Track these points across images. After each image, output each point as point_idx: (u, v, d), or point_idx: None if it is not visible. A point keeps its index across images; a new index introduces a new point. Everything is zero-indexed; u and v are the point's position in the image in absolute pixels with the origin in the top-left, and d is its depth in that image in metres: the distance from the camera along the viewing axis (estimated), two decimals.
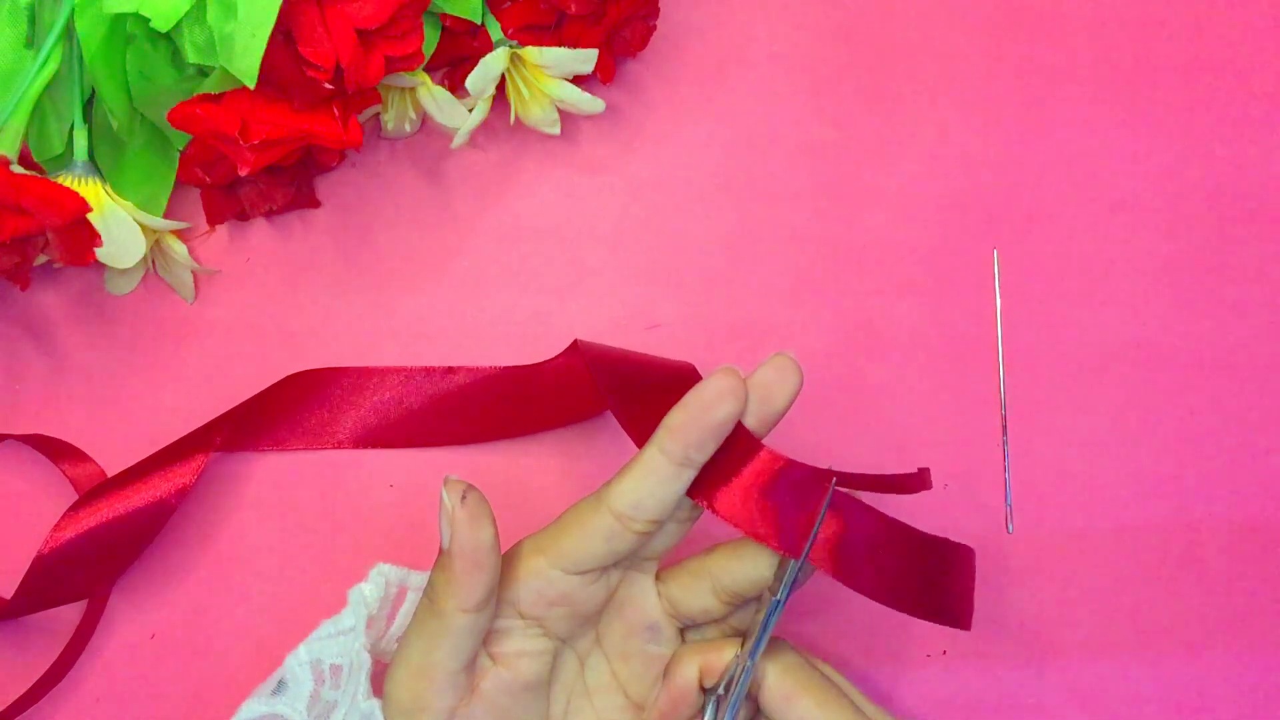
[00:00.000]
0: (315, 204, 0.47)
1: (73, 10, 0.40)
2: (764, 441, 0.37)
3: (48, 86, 0.41)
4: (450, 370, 0.46)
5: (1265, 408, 0.48)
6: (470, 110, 0.45)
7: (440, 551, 0.36)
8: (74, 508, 0.43)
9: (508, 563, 0.38)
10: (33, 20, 0.42)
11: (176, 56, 0.42)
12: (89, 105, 0.43)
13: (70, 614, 0.45)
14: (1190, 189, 0.49)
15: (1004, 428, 0.48)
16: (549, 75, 0.45)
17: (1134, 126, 0.49)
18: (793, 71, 0.49)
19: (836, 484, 0.37)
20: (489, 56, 0.43)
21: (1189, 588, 0.47)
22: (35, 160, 0.43)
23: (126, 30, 0.42)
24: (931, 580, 0.37)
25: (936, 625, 0.46)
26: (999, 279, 0.48)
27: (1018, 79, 0.49)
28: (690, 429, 0.35)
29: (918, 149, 0.49)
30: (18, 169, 0.39)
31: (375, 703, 0.38)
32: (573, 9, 0.43)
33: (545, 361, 0.46)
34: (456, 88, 0.46)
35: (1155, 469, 0.48)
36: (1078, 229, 0.49)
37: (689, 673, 0.37)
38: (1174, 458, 0.48)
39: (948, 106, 0.49)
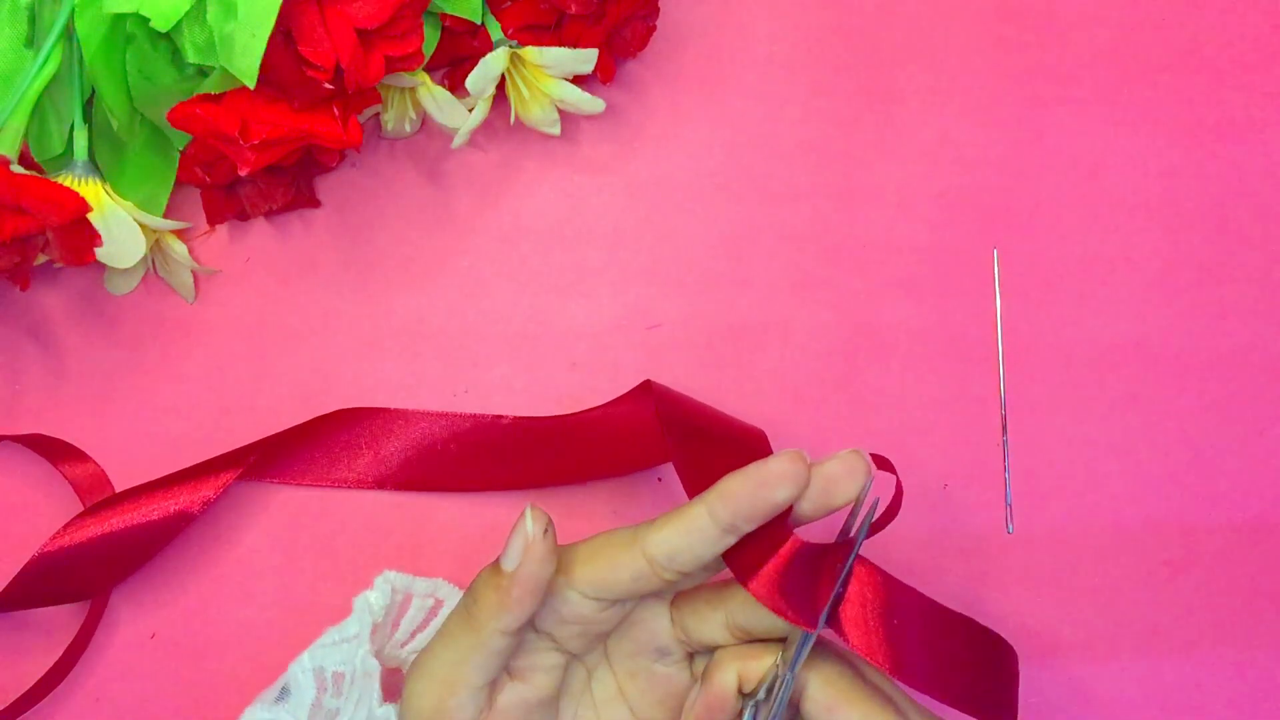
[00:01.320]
0: (315, 204, 0.47)
1: (73, 10, 0.40)
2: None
3: (48, 86, 0.41)
4: (499, 419, 0.46)
5: (1265, 408, 0.48)
6: (470, 110, 0.45)
7: (496, 569, 0.36)
8: (88, 511, 0.43)
9: None
10: (33, 20, 0.42)
11: (176, 56, 0.42)
12: (89, 105, 0.43)
13: (70, 614, 0.45)
14: (1190, 189, 0.49)
15: (1004, 428, 0.48)
16: (549, 75, 0.45)
17: (1134, 126, 0.49)
18: (793, 71, 0.49)
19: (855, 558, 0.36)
20: (489, 56, 0.43)
21: (1189, 588, 0.47)
22: (35, 160, 0.43)
23: (126, 30, 0.42)
24: (966, 665, 0.36)
25: None
26: (999, 279, 0.48)
27: (1018, 79, 0.49)
28: (744, 501, 0.35)
29: (918, 149, 0.49)
30: (18, 169, 0.39)
31: (390, 708, 0.38)
32: (573, 9, 0.43)
33: (602, 407, 0.46)
34: (456, 88, 0.46)
35: (1155, 469, 0.48)
36: (1078, 229, 0.49)
37: (728, 678, 0.37)
38: (1174, 458, 0.48)
39: (948, 106, 0.49)
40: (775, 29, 0.49)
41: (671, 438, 0.40)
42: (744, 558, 0.36)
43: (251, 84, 0.39)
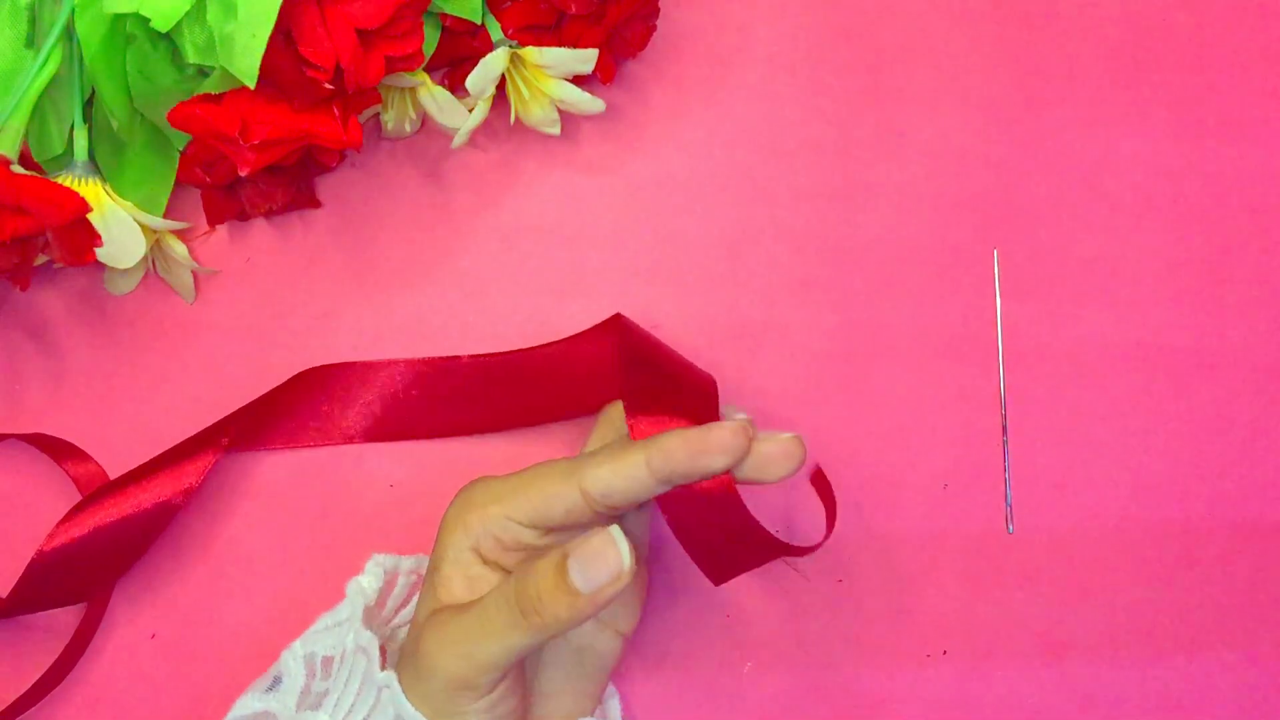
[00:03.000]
0: (315, 204, 0.47)
1: (73, 10, 0.40)
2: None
3: (48, 86, 0.41)
4: (456, 359, 0.46)
5: (1265, 408, 0.48)
6: (470, 110, 0.45)
7: (565, 582, 0.35)
8: (77, 508, 0.43)
9: (469, 507, 0.38)
10: (33, 20, 0.42)
11: (176, 56, 0.42)
12: (89, 105, 0.43)
13: (70, 614, 0.45)
14: (1190, 189, 0.49)
15: (1004, 428, 0.48)
16: (549, 75, 0.45)
17: (1134, 126, 0.49)
18: (793, 71, 0.49)
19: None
20: (489, 56, 0.43)
21: (1189, 588, 0.47)
22: (35, 160, 0.43)
23: (126, 30, 0.42)
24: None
25: (936, 626, 0.46)
26: (999, 279, 0.48)
27: (1018, 79, 0.49)
28: (681, 462, 0.36)
29: (918, 149, 0.49)
30: (18, 169, 0.39)
31: (390, 674, 0.38)
32: (573, 9, 0.43)
33: (569, 339, 0.46)
34: (456, 88, 0.46)
35: (1155, 469, 0.48)
36: (1078, 229, 0.49)
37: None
38: (1174, 458, 0.48)
39: (948, 106, 0.49)
40: (775, 29, 0.49)
41: (624, 372, 0.40)
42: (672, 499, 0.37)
43: (251, 84, 0.39)
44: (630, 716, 0.46)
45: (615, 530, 0.36)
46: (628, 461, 0.36)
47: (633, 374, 0.40)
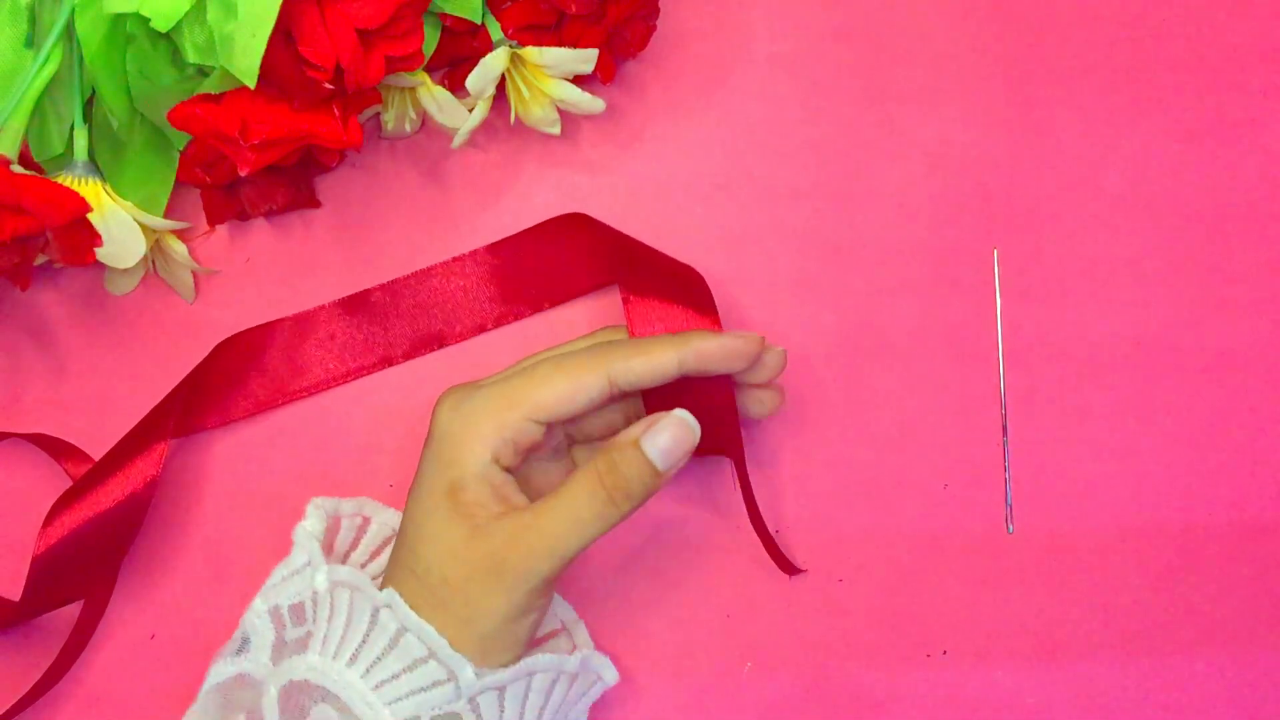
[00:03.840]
0: (315, 204, 0.47)
1: (73, 10, 0.40)
2: None
3: (48, 86, 0.41)
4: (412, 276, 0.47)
5: (1265, 408, 0.48)
6: (470, 110, 0.45)
7: (649, 464, 0.39)
8: (49, 517, 0.43)
9: (479, 419, 0.39)
10: (33, 20, 0.42)
11: (176, 56, 0.42)
12: (89, 105, 0.43)
13: (70, 614, 0.45)
14: (1190, 189, 0.49)
15: (1004, 428, 0.48)
16: (549, 75, 0.45)
17: (1134, 126, 0.49)
18: (793, 71, 0.49)
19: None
20: (489, 56, 0.43)
21: (1189, 588, 0.47)
22: (35, 160, 0.43)
23: (126, 30, 0.42)
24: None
25: (936, 626, 0.46)
26: (999, 279, 0.48)
27: (1018, 79, 0.49)
28: (711, 362, 0.40)
29: (918, 149, 0.49)
30: (18, 169, 0.39)
31: (390, 591, 0.39)
32: (573, 9, 0.43)
33: (538, 226, 0.47)
34: (456, 88, 0.46)
35: (1155, 469, 0.48)
36: (1078, 229, 0.49)
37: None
38: (1174, 458, 0.48)
39: (948, 106, 0.49)
40: (775, 29, 0.49)
41: (612, 259, 0.44)
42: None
43: (252, 84, 0.39)
44: (631, 717, 0.46)
45: (682, 413, 0.40)
46: (660, 358, 0.40)
47: (620, 258, 0.44)
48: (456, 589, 0.38)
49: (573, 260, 0.47)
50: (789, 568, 0.45)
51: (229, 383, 0.46)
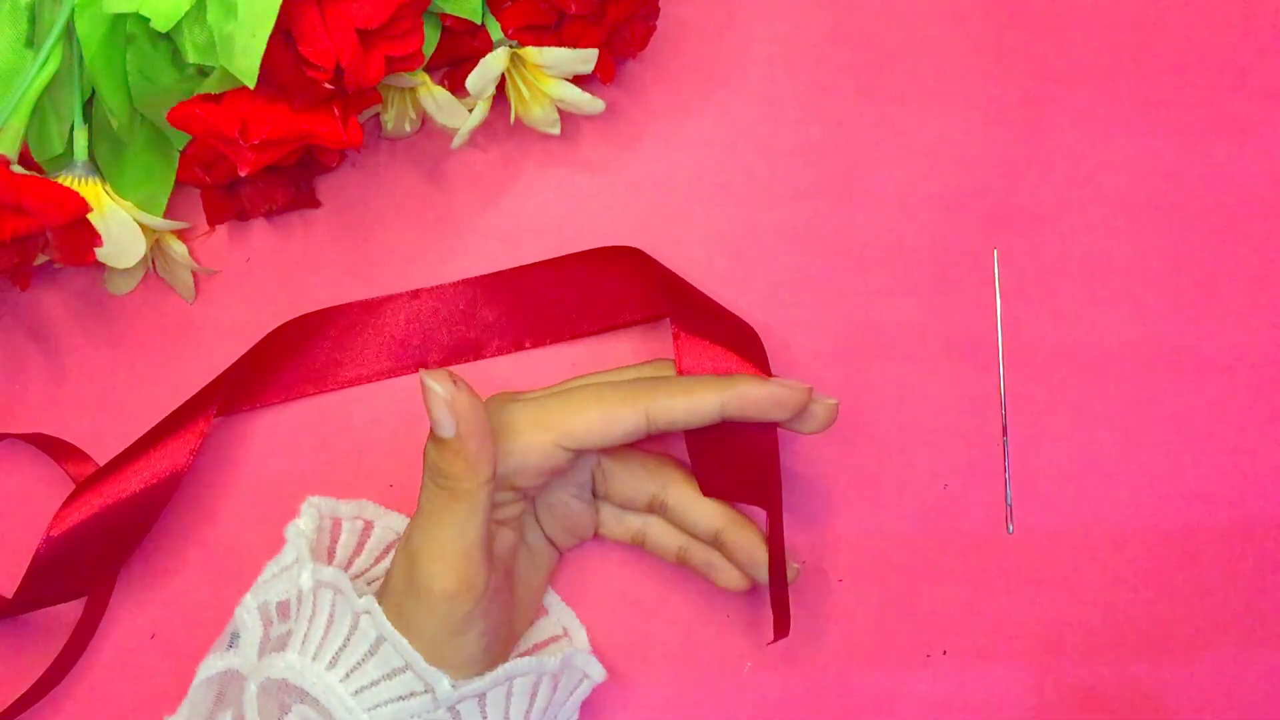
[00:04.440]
0: (315, 204, 0.47)
1: (73, 10, 0.40)
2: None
3: (48, 86, 0.41)
4: (462, 284, 0.47)
5: (1265, 408, 0.48)
6: (470, 110, 0.45)
7: (439, 441, 0.37)
8: (70, 499, 0.43)
9: (502, 437, 0.39)
10: (33, 20, 0.42)
11: (176, 56, 0.42)
12: (89, 105, 0.43)
13: (70, 613, 0.45)
14: (1190, 189, 0.49)
15: (1004, 428, 0.48)
16: (549, 75, 0.45)
17: (1134, 126, 0.49)
18: (793, 71, 0.49)
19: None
20: (489, 56, 0.43)
21: (1189, 588, 0.47)
22: (35, 160, 0.43)
23: (126, 30, 0.42)
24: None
25: (936, 626, 0.46)
26: (999, 279, 0.48)
27: (1018, 79, 0.49)
28: (754, 409, 0.40)
29: (918, 149, 0.49)
30: (18, 169, 0.39)
31: (370, 598, 0.38)
32: (573, 9, 0.43)
33: (591, 251, 0.47)
34: (456, 88, 0.46)
35: (1155, 469, 0.48)
36: (1078, 229, 0.49)
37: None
38: (1174, 458, 0.48)
39: (948, 106, 0.49)
40: (775, 29, 0.49)
41: (667, 291, 0.43)
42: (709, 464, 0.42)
43: (251, 84, 0.39)
44: (631, 717, 0.46)
45: (421, 373, 0.38)
46: (702, 400, 0.39)
47: (675, 295, 0.43)
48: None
49: (624, 290, 0.46)
50: (784, 628, 0.42)
51: (274, 366, 0.46)
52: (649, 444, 0.45)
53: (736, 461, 0.41)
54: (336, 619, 0.39)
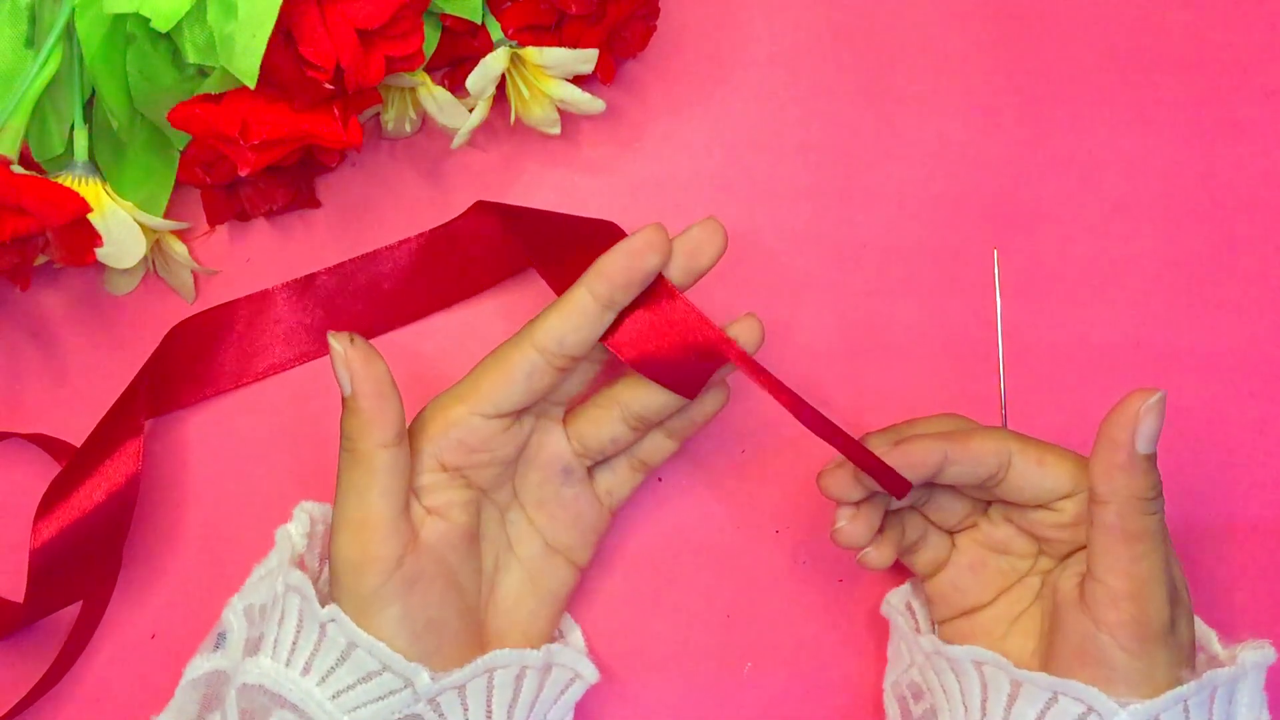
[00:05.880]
0: (315, 204, 0.47)
1: (73, 10, 0.40)
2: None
3: (48, 86, 0.41)
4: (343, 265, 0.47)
5: (1265, 408, 0.48)
6: (470, 110, 0.45)
7: (344, 401, 0.38)
8: (35, 519, 0.42)
9: (427, 419, 0.39)
10: (33, 20, 0.42)
11: (176, 56, 0.42)
12: (89, 105, 0.43)
13: (70, 614, 0.45)
14: (1190, 189, 0.49)
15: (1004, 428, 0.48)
16: (549, 75, 0.45)
17: (1134, 126, 0.49)
18: (793, 71, 0.49)
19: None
20: (489, 56, 0.43)
21: (1189, 587, 0.47)
22: (35, 160, 0.43)
23: (126, 30, 0.42)
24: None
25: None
26: (999, 279, 0.48)
27: (1018, 79, 0.49)
28: (619, 273, 0.38)
29: (918, 149, 0.49)
30: (18, 169, 0.39)
31: (333, 607, 0.38)
32: (573, 9, 0.43)
33: (451, 223, 0.47)
34: (456, 88, 0.46)
35: None
36: (1078, 229, 0.49)
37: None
38: (1174, 458, 0.48)
39: (948, 106, 0.49)
40: (775, 29, 0.49)
41: (528, 247, 0.43)
42: (617, 331, 0.39)
43: (252, 84, 0.39)
44: (630, 717, 0.46)
45: (328, 334, 0.39)
46: (570, 299, 0.38)
47: (535, 246, 0.43)
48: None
49: (500, 247, 0.46)
50: (899, 487, 0.40)
51: (192, 367, 0.46)
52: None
53: (673, 345, 0.39)
54: (305, 624, 0.39)
